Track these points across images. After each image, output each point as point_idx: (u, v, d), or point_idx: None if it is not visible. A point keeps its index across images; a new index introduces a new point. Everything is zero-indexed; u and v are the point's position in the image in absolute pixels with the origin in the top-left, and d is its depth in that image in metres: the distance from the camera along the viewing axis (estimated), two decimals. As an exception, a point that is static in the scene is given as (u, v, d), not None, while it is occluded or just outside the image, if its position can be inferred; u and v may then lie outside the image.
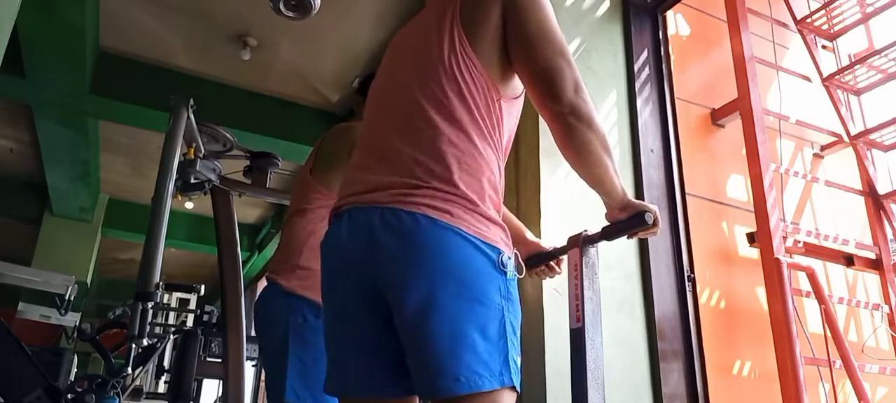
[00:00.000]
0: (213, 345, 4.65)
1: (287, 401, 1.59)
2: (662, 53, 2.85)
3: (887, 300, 2.95)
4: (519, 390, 1.02)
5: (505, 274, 1.04)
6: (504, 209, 1.16)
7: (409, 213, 1.04)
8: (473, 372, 0.97)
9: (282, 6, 3.29)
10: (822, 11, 3.10)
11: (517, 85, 1.17)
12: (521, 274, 1.10)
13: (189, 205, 7.93)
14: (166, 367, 5.46)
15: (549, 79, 1.10)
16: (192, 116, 3.09)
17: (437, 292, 1.00)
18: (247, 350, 3.47)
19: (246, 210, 8.11)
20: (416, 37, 1.23)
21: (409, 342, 1.03)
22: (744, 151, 2.84)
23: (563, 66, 1.11)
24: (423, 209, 1.03)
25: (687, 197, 2.67)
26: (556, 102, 1.10)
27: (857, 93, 3.25)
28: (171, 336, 4.47)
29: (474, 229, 1.04)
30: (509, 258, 1.06)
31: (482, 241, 1.04)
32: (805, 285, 2.68)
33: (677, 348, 2.38)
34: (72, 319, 6.27)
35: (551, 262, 1.44)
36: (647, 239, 2.43)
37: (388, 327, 1.07)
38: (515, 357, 1.02)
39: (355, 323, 1.12)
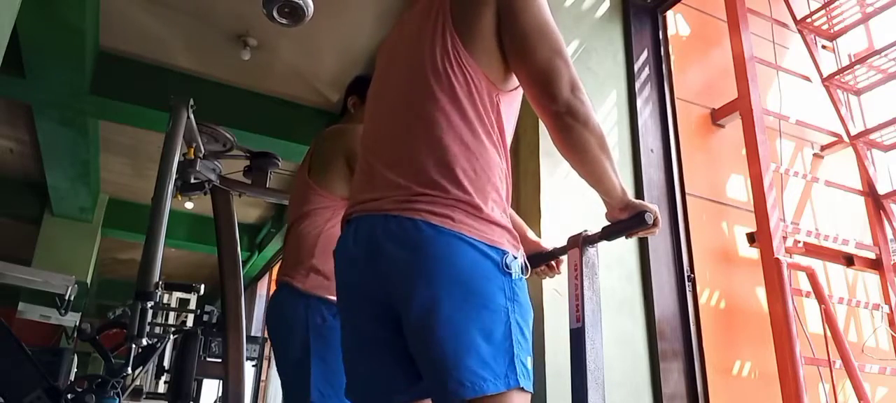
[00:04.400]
0: (213, 345, 4.65)
1: (312, 402, 1.59)
2: (662, 53, 2.85)
3: (887, 300, 2.95)
4: (530, 390, 1.02)
5: (510, 275, 1.03)
6: (509, 209, 1.15)
7: (411, 220, 1.04)
8: (477, 376, 0.97)
9: (275, 13, 3.30)
10: (822, 11, 3.10)
11: (515, 77, 1.17)
12: (526, 274, 1.09)
13: (189, 205, 7.93)
14: (166, 367, 5.46)
15: (546, 79, 1.09)
16: (192, 116, 3.09)
17: (441, 298, 1.00)
18: (247, 350, 3.47)
19: (246, 210, 8.11)
20: (407, 40, 1.23)
21: (416, 348, 1.04)
22: (744, 151, 2.84)
23: (560, 65, 1.10)
24: (424, 215, 1.03)
25: (687, 197, 2.67)
26: (552, 102, 1.09)
27: (857, 93, 3.25)
28: (171, 336, 4.47)
29: (476, 232, 1.04)
30: (515, 258, 1.05)
31: (485, 244, 1.03)
32: (805, 285, 2.68)
33: (677, 348, 2.38)
34: (72, 319, 6.27)
35: (551, 262, 1.44)
36: (647, 238, 2.44)
37: (397, 334, 1.08)
38: (524, 359, 1.01)
39: (364, 331, 1.13)
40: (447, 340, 0.99)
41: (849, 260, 3.00)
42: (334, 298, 1.67)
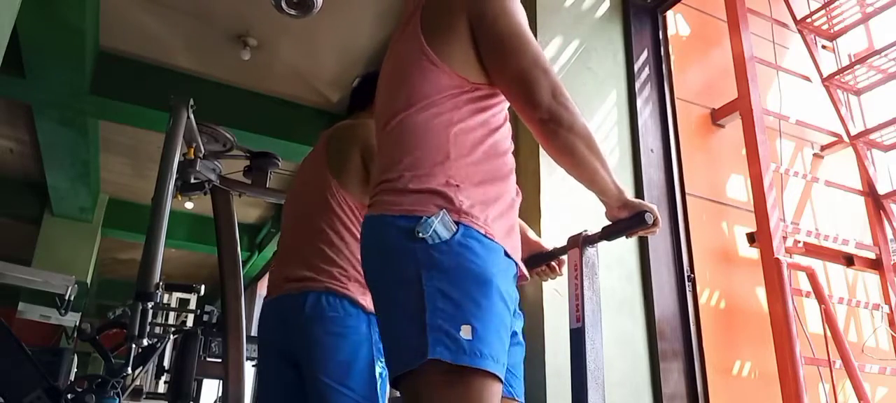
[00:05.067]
0: (213, 345, 4.64)
1: None
2: (662, 53, 2.85)
3: (887, 300, 2.95)
4: (458, 361, 0.91)
5: (423, 240, 0.98)
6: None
7: (366, 217, 1.13)
8: (392, 357, 0.97)
9: (284, 4, 3.29)
10: (822, 11, 3.10)
11: None
12: (452, 233, 1.00)
13: (189, 205, 7.92)
14: (166, 367, 5.45)
15: (526, 88, 1.09)
16: (192, 116, 3.09)
17: (372, 286, 1.07)
18: (247, 350, 3.47)
19: (246, 210, 8.10)
20: (390, 47, 1.28)
21: None
22: (744, 151, 2.84)
23: (538, 74, 1.10)
24: (370, 210, 1.11)
25: (687, 197, 2.67)
26: (535, 110, 1.09)
27: (857, 93, 3.25)
28: (171, 336, 4.47)
29: (394, 207, 1.04)
30: (428, 220, 0.99)
31: (399, 216, 1.03)
32: (805, 285, 2.68)
33: (677, 348, 2.38)
34: (72, 319, 6.27)
35: (551, 263, 1.44)
36: (646, 238, 2.44)
37: None
38: (448, 327, 0.92)
39: None
40: (380, 326, 1.04)
41: (849, 260, 2.99)
42: None
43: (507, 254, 1.06)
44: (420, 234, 0.98)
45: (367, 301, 1.60)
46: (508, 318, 1.02)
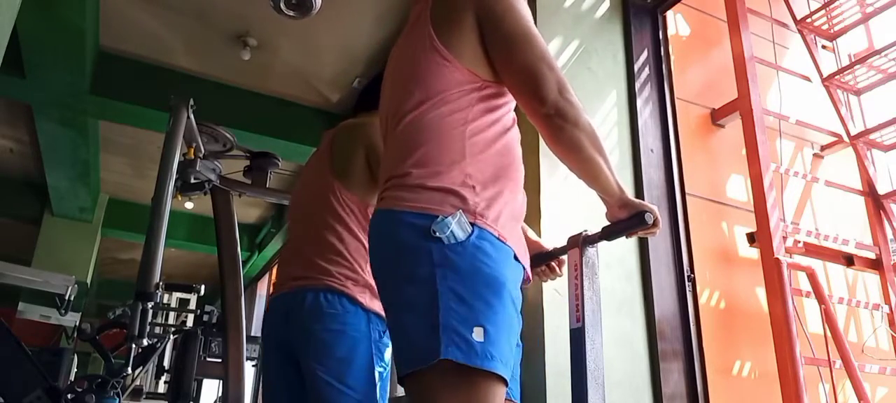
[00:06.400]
0: (213, 345, 4.65)
1: None
2: (662, 53, 2.85)
3: (887, 300, 2.95)
4: (472, 363, 0.91)
5: (440, 240, 0.98)
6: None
7: (375, 212, 1.12)
8: (401, 355, 0.97)
9: (282, 5, 3.29)
10: (822, 11, 3.10)
11: None
12: (468, 235, 1.00)
13: (189, 205, 7.92)
14: (166, 367, 5.46)
15: (532, 83, 1.10)
16: (192, 116, 3.09)
17: (380, 282, 1.06)
18: (247, 350, 3.47)
19: (246, 210, 8.10)
20: (397, 50, 1.28)
21: None
22: (744, 151, 2.84)
23: (545, 69, 1.11)
24: (380, 204, 1.11)
25: (687, 197, 2.67)
26: (541, 105, 1.10)
27: (857, 93, 3.25)
28: (171, 336, 4.47)
29: (406, 203, 1.03)
30: (445, 220, 0.99)
31: (412, 213, 1.02)
32: (805, 285, 2.68)
33: (677, 348, 2.38)
34: (72, 319, 6.27)
35: (552, 263, 1.44)
36: (647, 238, 2.44)
37: None
38: (460, 328, 0.92)
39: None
40: (389, 322, 1.03)
41: (849, 260, 2.99)
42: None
43: (516, 258, 1.06)
44: (436, 233, 0.98)
45: (365, 298, 1.61)
46: (517, 322, 1.03)
